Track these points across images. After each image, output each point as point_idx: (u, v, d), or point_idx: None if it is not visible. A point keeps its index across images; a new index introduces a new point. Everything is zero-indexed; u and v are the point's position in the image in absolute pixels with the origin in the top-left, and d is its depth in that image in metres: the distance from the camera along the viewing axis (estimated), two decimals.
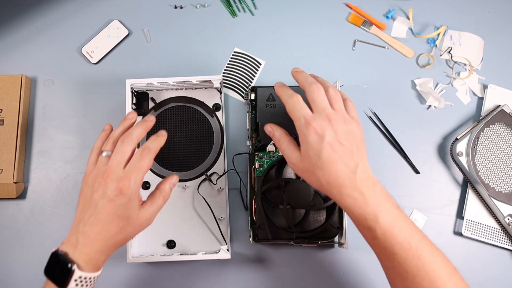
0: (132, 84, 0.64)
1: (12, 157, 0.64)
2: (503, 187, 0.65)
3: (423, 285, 0.43)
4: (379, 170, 0.67)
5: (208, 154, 0.66)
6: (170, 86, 0.66)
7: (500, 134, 0.68)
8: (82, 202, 0.47)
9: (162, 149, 0.63)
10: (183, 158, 0.66)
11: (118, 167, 0.45)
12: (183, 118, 0.67)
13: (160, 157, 0.65)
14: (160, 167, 0.65)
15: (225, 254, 0.58)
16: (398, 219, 0.45)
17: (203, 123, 0.67)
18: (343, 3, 0.75)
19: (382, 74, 0.72)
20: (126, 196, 0.44)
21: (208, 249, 0.62)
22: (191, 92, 0.68)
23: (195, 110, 0.67)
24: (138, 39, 0.72)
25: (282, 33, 0.73)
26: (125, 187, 0.44)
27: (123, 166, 0.45)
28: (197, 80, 0.64)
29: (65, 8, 0.73)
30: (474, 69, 0.73)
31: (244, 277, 0.63)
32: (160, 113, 0.67)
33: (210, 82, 0.64)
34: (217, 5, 0.74)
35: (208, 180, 0.65)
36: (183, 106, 0.67)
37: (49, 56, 0.71)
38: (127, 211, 0.45)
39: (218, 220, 0.63)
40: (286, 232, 0.59)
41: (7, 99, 0.67)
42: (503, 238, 0.65)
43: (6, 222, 0.65)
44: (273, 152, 0.62)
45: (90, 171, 0.48)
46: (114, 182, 0.44)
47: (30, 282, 0.62)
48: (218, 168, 0.65)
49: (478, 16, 0.75)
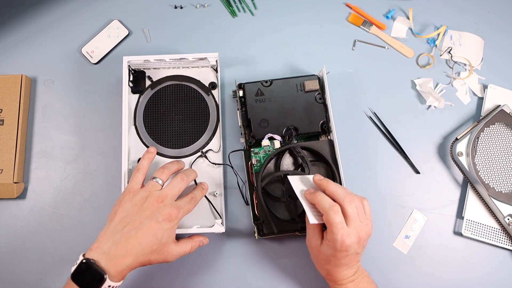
0: (129, 61, 0.64)
1: (12, 157, 0.64)
2: (503, 187, 0.65)
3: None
4: (379, 170, 0.68)
5: (204, 132, 0.66)
6: (166, 64, 0.67)
7: (500, 134, 0.68)
8: (122, 215, 0.50)
9: (159, 127, 0.67)
10: (179, 135, 0.66)
11: (172, 198, 0.53)
12: (180, 96, 0.68)
13: (157, 134, 0.66)
14: (156, 143, 0.66)
15: (220, 227, 0.59)
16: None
17: (199, 101, 0.67)
18: (343, 3, 0.75)
19: (382, 74, 0.72)
20: (172, 224, 0.50)
21: (204, 223, 0.63)
22: (188, 70, 0.69)
23: (191, 88, 0.68)
24: (138, 39, 0.72)
25: (282, 33, 0.73)
26: (173, 215, 0.51)
27: (175, 199, 0.53)
28: (193, 57, 0.65)
29: (65, 8, 0.73)
30: (474, 69, 0.73)
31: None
32: (157, 91, 0.68)
33: (206, 60, 0.65)
34: (217, 5, 0.74)
35: (204, 157, 0.65)
36: (179, 85, 0.68)
37: (49, 56, 0.71)
38: (165, 238, 0.50)
39: (214, 196, 0.63)
40: (290, 224, 0.59)
41: (7, 99, 0.67)
42: (503, 238, 0.65)
43: (6, 222, 0.65)
44: (268, 146, 0.62)
45: (136, 190, 0.53)
46: (167, 208, 0.51)
47: (30, 282, 0.62)
48: (214, 145, 0.66)
49: (478, 16, 0.75)
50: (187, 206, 0.54)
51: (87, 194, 0.65)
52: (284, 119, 0.64)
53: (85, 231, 0.64)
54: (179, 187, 0.54)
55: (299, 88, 0.65)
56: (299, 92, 0.65)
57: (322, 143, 0.62)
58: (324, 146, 0.62)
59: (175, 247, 0.52)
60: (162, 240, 0.50)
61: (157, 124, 0.66)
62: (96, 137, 0.68)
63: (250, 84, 0.65)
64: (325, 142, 0.62)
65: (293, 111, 0.64)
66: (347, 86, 0.71)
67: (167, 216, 0.50)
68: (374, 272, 0.62)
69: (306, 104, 0.64)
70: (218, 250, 0.63)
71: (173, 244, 0.52)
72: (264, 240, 0.64)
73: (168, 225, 0.50)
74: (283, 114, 0.64)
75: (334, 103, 0.68)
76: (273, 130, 0.63)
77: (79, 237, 0.64)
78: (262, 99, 0.64)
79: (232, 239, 0.64)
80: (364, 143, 0.68)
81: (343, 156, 0.64)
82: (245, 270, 0.63)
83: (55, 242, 0.64)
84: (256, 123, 0.63)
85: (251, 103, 0.64)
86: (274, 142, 0.62)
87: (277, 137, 0.62)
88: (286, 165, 0.61)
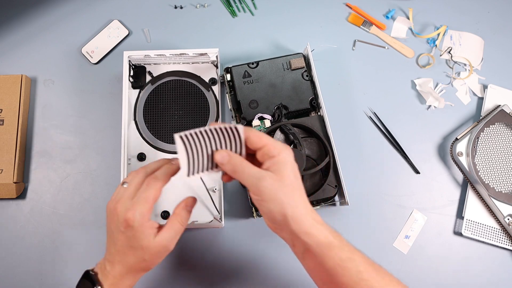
0: (130, 56, 0.65)
1: (12, 157, 0.64)
2: (503, 187, 0.65)
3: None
4: (379, 170, 0.67)
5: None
6: (167, 60, 0.67)
7: (500, 134, 0.68)
8: (106, 230, 0.47)
9: (159, 122, 0.66)
10: (179, 130, 0.65)
11: (127, 199, 0.45)
12: (180, 92, 0.68)
13: (157, 129, 0.66)
14: (156, 139, 0.66)
15: (218, 223, 0.59)
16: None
17: (199, 97, 0.68)
18: (343, 3, 0.75)
19: (382, 74, 0.72)
20: (134, 228, 0.44)
21: (202, 219, 0.63)
22: (188, 66, 0.69)
23: (191, 84, 0.68)
24: (138, 39, 0.72)
25: (282, 33, 0.73)
26: (130, 219, 0.43)
27: (132, 197, 0.45)
28: (193, 52, 0.65)
29: (65, 8, 0.73)
30: (474, 69, 0.73)
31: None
32: (157, 86, 0.68)
33: (207, 55, 0.65)
34: (217, 5, 0.74)
35: None
36: (179, 80, 0.68)
37: (49, 56, 0.71)
38: (139, 242, 0.44)
39: (212, 192, 0.63)
40: None
41: (7, 99, 0.67)
42: (503, 238, 0.64)
43: (6, 222, 0.65)
44: (259, 126, 0.63)
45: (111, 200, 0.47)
46: (122, 214, 0.44)
47: (30, 282, 0.62)
48: None
49: (478, 16, 0.75)
50: (145, 195, 0.44)
51: (87, 194, 0.65)
52: (273, 99, 0.65)
53: (85, 231, 0.64)
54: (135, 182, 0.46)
55: (285, 67, 0.66)
56: (285, 71, 0.66)
57: (312, 119, 0.63)
58: (315, 122, 0.63)
59: (160, 239, 0.45)
60: (137, 246, 0.44)
61: (157, 119, 0.67)
62: (96, 137, 0.68)
63: (236, 67, 0.65)
64: (315, 118, 0.63)
65: (282, 90, 0.65)
66: (347, 86, 0.71)
67: (125, 223, 0.44)
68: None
69: (293, 82, 0.65)
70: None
71: (156, 238, 0.45)
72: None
73: (131, 231, 0.44)
74: (271, 93, 0.65)
75: (334, 103, 0.68)
76: (263, 110, 0.64)
77: (79, 237, 0.64)
78: (250, 81, 0.65)
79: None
80: (364, 143, 0.68)
81: (343, 156, 0.64)
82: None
83: (55, 242, 0.64)
84: (246, 105, 0.64)
85: (239, 85, 0.65)
86: (265, 121, 0.63)
87: (267, 116, 0.63)
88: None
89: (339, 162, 0.61)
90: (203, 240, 0.64)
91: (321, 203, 0.62)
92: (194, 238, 0.64)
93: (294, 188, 0.43)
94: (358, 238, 0.64)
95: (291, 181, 0.42)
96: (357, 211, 0.65)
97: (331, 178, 0.61)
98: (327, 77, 0.70)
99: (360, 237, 0.64)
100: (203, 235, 0.64)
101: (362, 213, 0.65)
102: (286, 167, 0.42)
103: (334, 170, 0.61)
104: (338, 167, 0.61)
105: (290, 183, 0.42)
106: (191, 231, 0.64)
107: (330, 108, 0.65)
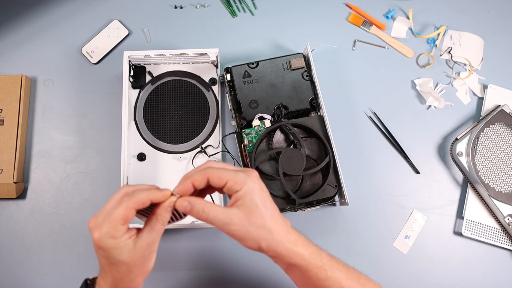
0: (130, 56, 0.65)
1: (12, 157, 0.64)
2: (503, 187, 0.65)
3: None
4: (379, 170, 0.67)
5: (203, 127, 0.67)
6: (167, 60, 0.67)
7: (500, 134, 0.68)
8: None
9: (159, 122, 0.66)
10: (179, 130, 0.67)
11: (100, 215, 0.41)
12: (180, 92, 0.68)
13: (157, 129, 0.66)
14: (156, 139, 0.66)
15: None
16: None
17: (199, 97, 0.68)
18: (343, 3, 0.75)
19: (382, 74, 0.72)
20: (104, 248, 0.40)
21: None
22: (188, 66, 0.69)
23: (191, 84, 0.68)
24: (138, 39, 0.72)
25: (282, 33, 0.73)
26: (97, 240, 0.40)
27: (106, 213, 0.41)
28: (193, 52, 0.65)
29: (65, 8, 0.73)
30: (474, 69, 0.73)
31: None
32: (157, 86, 0.68)
33: (207, 55, 0.65)
34: (217, 5, 0.74)
35: (203, 152, 0.66)
36: (179, 80, 0.68)
37: (49, 56, 0.71)
38: (117, 258, 0.41)
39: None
40: (286, 200, 0.60)
41: (7, 99, 0.67)
42: (503, 238, 0.64)
43: (6, 222, 0.65)
44: (259, 126, 0.63)
45: None
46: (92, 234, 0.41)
47: (30, 282, 0.62)
48: (213, 141, 0.66)
49: (478, 16, 0.75)
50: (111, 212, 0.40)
51: (87, 194, 0.65)
52: (273, 99, 0.65)
53: (85, 231, 0.64)
54: (113, 198, 0.41)
55: (285, 67, 0.66)
56: (285, 71, 0.66)
57: (312, 119, 0.63)
58: (315, 122, 0.63)
59: (140, 246, 0.42)
60: (117, 262, 0.41)
61: (157, 119, 0.67)
62: (96, 137, 0.68)
63: (236, 67, 0.65)
64: (315, 118, 0.63)
65: (282, 90, 0.65)
66: (347, 86, 0.71)
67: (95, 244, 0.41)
68: (374, 272, 0.61)
69: (293, 82, 0.65)
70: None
71: (135, 247, 0.41)
72: None
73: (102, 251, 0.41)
74: (271, 93, 0.65)
75: (334, 103, 0.68)
76: (263, 110, 0.64)
77: (79, 237, 0.64)
78: (250, 81, 0.65)
79: None
80: (364, 143, 0.68)
81: (343, 156, 0.64)
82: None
83: (55, 242, 0.64)
84: (246, 105, 0.64)
85: (239, 85, 0.65)
86: (265, 121, 0.63)
87: (267, 116, 0.63)
88: (279, 144, 0.62)
89: (339, 162, 0.61)
90: (202, 240, 0.64)
91: (321, 203, 0.62)
92: (194, 238, 0.64)
93: (264, 217, 0.42)
94: (358, 238, 0.65)
95: (260, 212, 0.42)
96: (357, 211, 0.65)
97: (331, 178, 0.61)
98: (327, 77, 0.70)
99: (360, 237, 0.64)
100: (202, 235, 0.64)
101: (362, 213, 0.65)
102: (252, 198, 0.42)
103: (334, 170, 0.61)
104: (338, 167, 0.61)
105: (259, 214, 0.42)
106: (191, 231, 0.64)
107: (330, 108, 0.65)
